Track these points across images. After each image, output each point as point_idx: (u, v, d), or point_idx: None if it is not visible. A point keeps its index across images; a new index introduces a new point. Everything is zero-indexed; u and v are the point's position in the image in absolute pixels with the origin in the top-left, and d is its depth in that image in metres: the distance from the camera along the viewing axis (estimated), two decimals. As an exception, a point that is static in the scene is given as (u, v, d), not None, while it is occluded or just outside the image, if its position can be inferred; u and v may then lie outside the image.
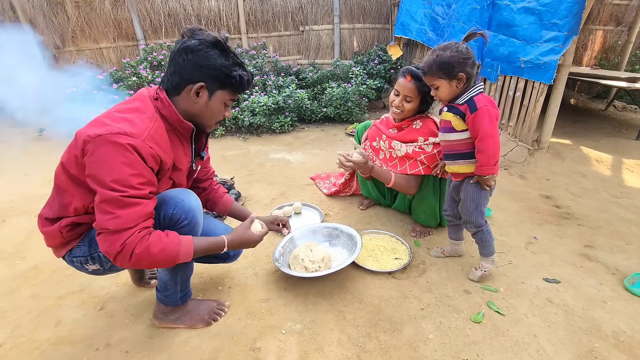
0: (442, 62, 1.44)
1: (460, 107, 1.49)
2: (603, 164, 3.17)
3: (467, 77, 1.45)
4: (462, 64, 1.43)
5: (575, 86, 5.83)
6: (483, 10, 3.38)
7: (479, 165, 1.49)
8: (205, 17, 4.94)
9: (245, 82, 1.20)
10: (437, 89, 1.51)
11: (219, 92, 1.18)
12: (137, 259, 1.03)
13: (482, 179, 1.53)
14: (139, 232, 1.04)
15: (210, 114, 1.21)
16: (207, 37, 1.12)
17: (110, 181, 1.00)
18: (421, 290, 1.62)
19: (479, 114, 1.43)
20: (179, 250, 1.10)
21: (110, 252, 1.02)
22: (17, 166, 3.23)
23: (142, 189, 1.05)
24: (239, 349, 1.32)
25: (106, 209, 1.01)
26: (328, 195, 2.55)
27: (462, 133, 1.52)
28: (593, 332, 1.39)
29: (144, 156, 1.04)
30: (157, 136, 1.11)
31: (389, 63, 5.19)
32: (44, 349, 1.33)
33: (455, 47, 1.44)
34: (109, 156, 1.00)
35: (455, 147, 1.57)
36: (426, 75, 1.51)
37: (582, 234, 2.08)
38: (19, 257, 1.88)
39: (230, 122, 4.06)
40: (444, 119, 1.58)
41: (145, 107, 1.13)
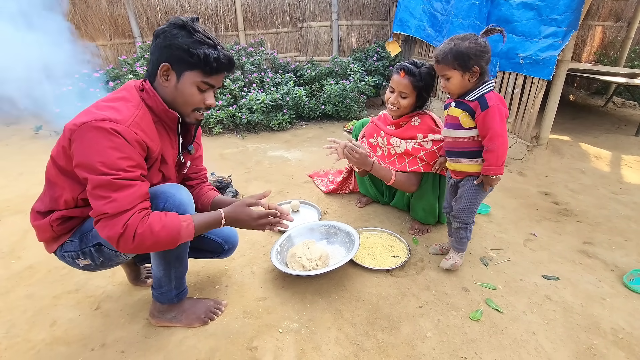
0: (458, 51, 1.39)
1: (470, 104, 1.45)
2: (602, 160, 3.16)
3: (480, 71, 1.41)
4: (478, 57, 1.39)
5: (574, 82, 5.82)
6: (482, 5, 3.36)
7: (487, 165, 1.46)
8: (202, 13, 4.90)
9: (213, 60, 1.09)
10: (449, 79, 1.46)
11: (187, 74, 1.11)
12: (140, 240, 1.01)
13: (487, 179, 1.50)
14: (138, 212, 1.02)
15: (182, 98, 1.14)
16: (175, 20, 1.10)
17: (100, 166, 0.98)
18: (419, 288, 1.61)
19: (490, 112, 1.39)
20: (180, 226, 1.08)
21: (112, 235, 1.00)
22: (13, 165, 3.21)
23: (133, 172, 1.03)
24: (236, 348, 1.31)
25: (100, 194, 0.99)
26: (326, 193, 2.53)
27: (469, 130, 1.49)
28: (592, 329, 1.39)
29: (129, 141, 1.02)
30: (143, 124, 1.09)
31: (388, 60, 5.16)
32: (39, 349, 1.32)
33: (475, 38, 1.39)
34: (95, 142, 0.99)
35: (461, 144, 1.53)
36: (440, 63, 1.45)
37: (581, 231, 2.08)
38: (14, 257, 1.87)
39: (228, 120, 4.05)
40: (451, 114, 1.53)
41: (131, 96, 1.12)
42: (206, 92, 1.17)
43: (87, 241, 1.18)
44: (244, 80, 4.44)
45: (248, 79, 4.51)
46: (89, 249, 1.19)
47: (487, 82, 1.44)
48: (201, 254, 1.52)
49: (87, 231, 1.18)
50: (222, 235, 1.50)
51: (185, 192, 1.21)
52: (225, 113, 4.01)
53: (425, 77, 1.79)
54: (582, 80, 5.64)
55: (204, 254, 1.53)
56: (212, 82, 1.15)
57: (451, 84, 1.46)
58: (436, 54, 1.47)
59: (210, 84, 1.15)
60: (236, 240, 1.56)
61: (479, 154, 1.50)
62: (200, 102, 1.17)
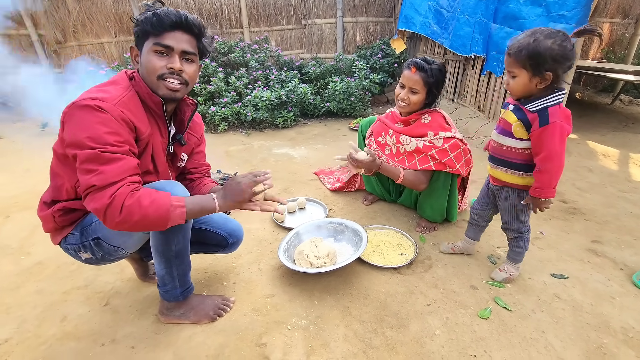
0: (536, 50, 1.19)
1: (529, 115, 1.28)
2: (610, 158, 3.14)
3: (553, 79, 1.23)
4: (558, 63, 1.19)
5: (581, 80, 5.77)
6: (489, 2, 3.33)
7: (537, 187, 1.32)
8: (207, 10, 4.90)
9: (152, 16, 1.07)
10: (514, 78, 1.28)
11: (145, 45, 1.12)
12: (128, 212, 0.98)
13: (536, 202, 1.36)
14: (127, 185, 1.01)
15: (146, 70, 1.12)
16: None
17: (87, 140, 0.98)
18: (427, 285, 1.61)
19: (549, 130, 1.23)
20: (170, 204, 1.05)
21: (99, 207, 0.97)
22: (19, 162, 3.23)
23: (120, 146, 1.02)
24: (245, 345, 1.31)
25: (88, 168, 0.98)
26: (332, 191, 2.53)
27: (520, 142, 1.34)
28: (602, 328, 1.38)
29: (115, 117, 1.02)
30: (131, 104, 1.09)
31: (393, 57, 5.14)
32: (50, 344, 1.33)
33: (561, 39, 1.19)
34: (82, 119, 1.00)
35: (507, 153, 1.40)
36: (511, 56, 1.26)
37: (589, 229, 2.06)
38: (24, 253, 1.88)
39: (232, 117, 4.05)
40: (505, 118, 1.38)
41: (121, 80, 1.15)
42: (168, 57, 1.12)
43: (87, 235, 1.20)
44: (248, 78, 4.44)
45: (253, 76, 4.51)
46: (89, 243, 1.20)
47: (558, 90, 1.26)
48: (206, 248, 1.52)
49: (87, 225, 1.20)
50: (226, 229, 1.49)
51: (181, 188, 1.19)
52: (230, 110, 4.01)
53: (436, 73, 1.77)
54: (589, 77, 5.59)
55: (208, 248, 1.53)
56: (165, 43, 1.09)
57: (515, 83, 1.29)
58: (510, 44, 1.27)
59: (164, 44, 1.09)
60: (241, 234, 1.55)
61: (525, 168, 1.37)
62: (162, 67, 1.11)
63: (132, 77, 1.17)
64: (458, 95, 4.26)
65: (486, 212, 1.65)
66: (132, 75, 1.17)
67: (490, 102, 3.57)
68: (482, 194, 1.66)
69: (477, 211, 1.67)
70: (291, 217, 2.23)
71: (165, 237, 1.20)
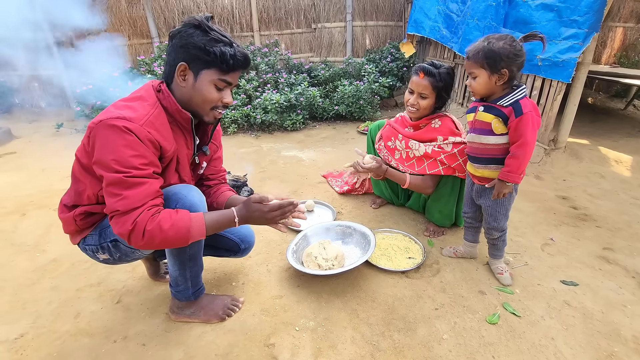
0: (490, 50, 1.34)
1: (503, 110, 1.39)
2: (622, 164, 3.09)
3: (509, 76, 1.36)
4: (510, 60, 1.34)
5: (593, 85, 5.69)
6: (499, 7, 3.32)
7: (507, 171, 1.42)
8: (218, 14, 4.97)
9: (229, 58, 1.11)
10: (475, 78, 1.42)
11: (204, 72, 1.13)
12: (150, 236, 1.03)
13: (501, 185, 1.46)
14: (148, 209, 1.05)
15: (200, 97, 1.15)
16: (190, 20, 1.12)
17: (113, 163, 1.01)
18: (435, 290, 1.61)
19: (523, 119, 1.35)
20: (190, 225, 1.09)
21: (123, 232, 1.03)
22: (35, 161, 3.31)
23: (145, 169, 1.06)
24: (254, 345, 1.33)
25: (113, 192, 1.03)
26: (340, 194, 2.54)
27: (500, 137, 1.43)
28: (612, 336, 1.37)
29: (142, 139, 1.05)
30: (157, 123, 1.12)
31: (402, 61, 5.14)
32: (64, 339, 1.36)
33: (511, 40, 1.35)
34: (109, 139, 1.03)
35: (490, 151, 1.48)
36: (469, 59, 1.41)
37: (601, 236, 2.04)
38: (39, 250, 1.93)
39: (242, 120, 4.09)
40: (480, 119, 1.47)
41: (148, 95, 1.15)
42: (223, 90, 1.18)
43: (105, 237, 1.23)
44: (258, 81, 4.49)
45: (262, 79, 4.55)
46: (107, 244, 1.23)
47: (519, 87, 1.40)
48: (218, 252, 1.55)
49: (105, 227, 1.23)
50: (239, 235, 1.52)
51: (197, 193, 1.22)
52: (239, 113, 4.05)
53: (445, 77, 1.78)
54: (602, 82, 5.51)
55: (220, 252, 1.55)
56: (229, 80, 1.16)
57: (477, 83, 1.42)
58: (468, 49, 1.43)
59: (228, 81, 1.16)
60: (253, 240, 1.58)
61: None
62: (218, 100, 1.18)
63: (159, 89, 1.17)
64: (467, 99, 4.24)
65: (477, 213, 1.70)
66: (159, 87, 1.18)
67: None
68: (467, 197, 1.71)
69: (469, 214, 1.72)
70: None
71: None
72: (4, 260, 1.85)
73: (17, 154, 3.57)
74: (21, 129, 4.28)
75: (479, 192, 1.61)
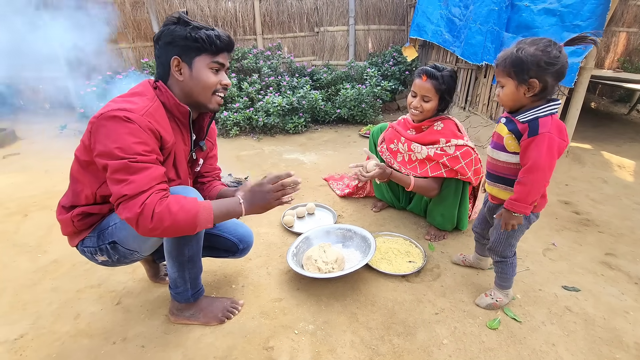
0: (518, 58, 1.17)
1: (519, 125, 1.23)
2: (625, 169, 3.08)
3: (541, 87, 1.17)
4: (541, 69, 1.14)
5: (596, 89, 5.68)
6: (501, 11, 3.32)
7: (514, 199, 1.26)
8: (221, 18, 5.01)
9: (215, 38, 1.15)
10: (502, 88, 1.26)
11: (197, 60, 1.16)
12: (159, 219, 1.02)
13: (508, 215, 1.29)
14: (156, 192, 1.05)
15: (200, 84, 1.18)
16: (168, 19, 1.16)
17: (117, 151, 1.02)
18: (435, 294, 1.60)
19: (536, 141, 1.17)
20: (198, 210, 1.08)
21: (131, 216, 1.01)
22: (39, 163, 3.33)
23: (148, 155, 1.06)
24: (252, 348, 1.32)
25: (118, 178, 1.02)
26: (341, 197, 2.54)
27: (512, 155, 1.28)
28: (614, 343, 1.35)
29: (143, 128, 1.06)
30: (157, 115, 1.13)
31: (404, 65, 5.15)
32: (64, 340, 1.36)
33: (545, 45, 1.15)
34: (111, 130, 1.03)
35: (501, 169, 1.34)
36: (497, 67, 1.25)
37: (603, 242, 2.02)
38: (41, 251, 1.94)
39: (244, 122, 4.11)
40: (497, 131, 1.33)
41: (146, 91, 1.17)
42: (219, 73, 1.22)
43: (103, 238, 1.23)
44: (260, 84, 4.51)
45: (265, 82, 4.57)
46: (105, 246, 1.23)
47: (552, 101, 1.21)
48: (216, 252, 1.55)
49: (104, 228, 1.23)
50: (237, 235, 1.52)
51: (194, 193, 1.22)
52: (242, 115, 4.07)
53: (448, 80, 1.78)
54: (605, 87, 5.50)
55: (219, 253, 1.56)
56: (220, 61, 1.20)
57: (503, 93, 1.25)
58: (498, 56, 1.26)
59: (220, 62, 1.20)
60: (251, 240, 1.58)
61: None
62: (217, 82, 1.21)
63: (155, 86, 1.20)
64: (470, 103, 4.24)
65: (486, 231, 1.58)
66: (155, 85, 1.20)
67: (502, 111, 3.54)
68: (482, 214, 1.60)
69: (478, 230, 1.63)
70: (300, 222, 2.24)
71: (178, 242, 1.23)
72: (6, 261, 1.86)
73: (20, 155, 3.60)
74: (25, 130, 4.31)
75: (490, 210, 1.50)
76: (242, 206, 1.17)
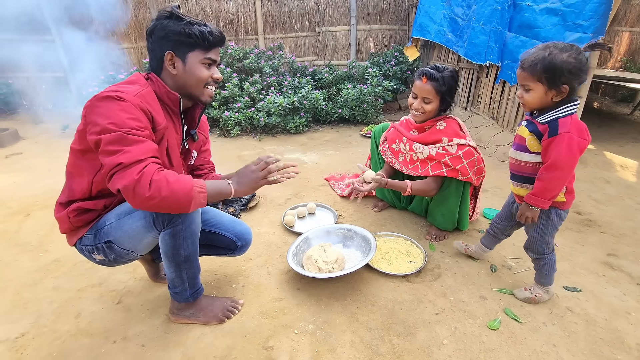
0: (551, 64, 1.19)
1: (539, 127, 1.27)
2: (628, 170, 3.06)
3: (569, 91, 1.22)
4: (574, 76, 1.18)
5: (599, 89, 5.65)
6: (504, 11, 3.31)
7: (533, 193, 1.32)
8: (223, 18, 5.01)
9: (208, 34, 1.18)
10: (528, 91, 1.28)
11: (190, 55, 1.19)
12: (157, 187, 1.01)
13: (525, 208, 1.36)
14: (153, 163, 1.05)
15: (194, 78, 1.21)
16: (161, 13, 1.18)
17: (110, 125, 1.02)
18: (436, 294, 1.59)
19: (557, 140, 1.22)
20: (193, 184, 1.09)
21: (128, 184, 0.99)
22: (41, 162, 3.35)
23: (142, 130, 1.07)
24: (252, 347, 1.32)
25: (113, 149, 1.01)
26: (342, 197, 2.54)
27: (535, 155, 1.32)
28: (616, 344, 1.34)
29: (135, 106, 1.07)
30: (148, 98, 1.15)
31: (406, 64, 5.15)
32: (64, 339, 1.37)
33: (576, 52, 1.18)
34: (104, 108, 1.04)
35: (525, 169, 1.37)
36: (525, 71, 1.26)
37: (605, 242, 2.01)
38: (42, 250, 1.94)
39: (246, 122, 4.11)
40: (519, 134, 1.37)
41: (137, 80, 1.19)
42: (211, 68, 1.25)
43: (99, 237, 1.23)
44: (262, 84, 4.51)
45: (266, 82, 4.57)
46: (101, 245, 1.24)
47: (571, 102, 1.24)
48: (215, 250, 1.55)
49: (100, 227, 1.23)
50: (235, 232, 1.52)
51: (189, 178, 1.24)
52: (243, 115, 4.07)
53: (448, 80, 1.78)
54: (608, 87, 5.47)
55: (217, 251, 1.55)
56: (212, 57, 1.23)
57: (530, 97, 1.27)
58: (523, 58, 1.27)
59: (212, 58, 1.23)
60: (249, 237, 1.57)
61: None
62: (209, 77, 1.24)
63: (147, 77, 1.22)
64: (471, 103, 4.23)
65: (508, 228, 1.62)
66: (147, 76, 1.23)
67: (504, 110, 3.53)
68: (505, 210, 1.61)
69: (499, 226, 1.64)
70: (301, 222, 2.24)
71: (174, 242, 1.23)
72: (8, 260, 1.87)
73: (23, 154, 3.61)
74: (28, 130, 4.33)
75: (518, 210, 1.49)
76: (230, 186, 1.20)
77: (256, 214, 2.34)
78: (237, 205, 2.32)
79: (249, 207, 2.38)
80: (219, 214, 1.53)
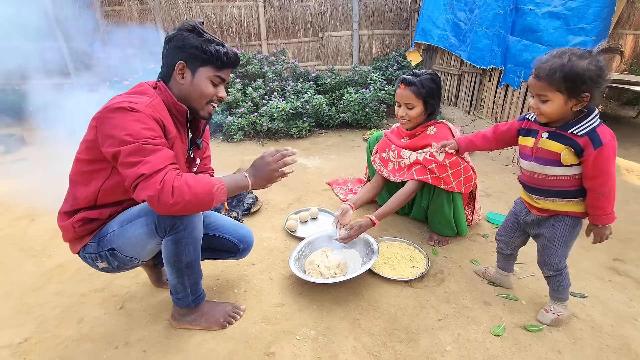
0: (572, 72, 1.11)
1: (577, 139, 1.18)
2: (634, 174, 3.03)
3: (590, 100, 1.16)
4: (595, 83, 1.12)
5: (603, 92, 5.62)
6: (507, 15, 3.32)
7: (599, 214, 1.24)
8: (226, 24, 5.06)
9: (223, 55, 1.21)
10: (545, 102, 1.19)
11: (201, 69, 1.22)
12: (179, 193, 1.04)
13: (600, 231, 1.28)
14: (172, 170, 1.08)
15: (198, 92, 1.23)
16: (184, 24, 1.21)
17: (128, 137, 1.05)
18: (439, 300, 1.58)
19: (604, 151, 1.15)
20: (212, 183, 1.12)
21: (152, 194, 1.02)
22: (46, 167, 3.38)
23: (157, 139, 1.10)
24: (254, 353, 1.32)
25: (132, 161, 1.04)
26: (345, 201, 2.53)
27: (570, 168, 1.23)
28: (622, 351, 1.32)
29: (148, 116, 1.10)
30: (159, 108, 1.17)
31: (409, 69, 5.15)
32: (67, 344, 1.37)
33: (594, 58, 1.12)
34: (118, 120, 1.06)
35: (557, 182, 1.28)
36: (540, 80, 1.17)
37: (611, 247, 1.99)
38: (46, 255, 1.96)
39: (249, 127, 4.13)
40: (545, 147, 1.26)
41: (146, 90, 1.22)
42: (218, 86, 1.28)
43: (103, 245, 1.24)
44: (265, 89, 4.53)
45: (269, 87, 4.60)
46: (104, 253, 1.25)
47: (592, 112, 1.19)
48: (217, 254, 1.55)
49: (103, 235, 1.24)
50: (237, 235, 1.53)
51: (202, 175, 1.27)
52: (246, 120, 4.09)
53: (427, 83, 1.77)
54: (612, 90, 5.44)
55: (219, 254, 1.56)
56: (222, 76, 1.26)
57: (548, 107, 1.19)
58: (537, 66, 1.19)
59: (222, 77, 1.26)
60: (251, 241, 1.58)
61: (580, 193, 1.27)
62: (213, 94, 1.26)
63: (155, 86, 1.24)
64: (474, 107, 4.22)
65: (512, 239, 1.54)
66: (155, 85, 1.24)
67: (507, 114, 3.52)
68: (509, 221, 1.54)
69: (503, 238, 1.56)
70: (303, 226, 2.24)
71: (176, 249, 1.24)
72: (12, 265, 1.88)
73: (28, 160, 3.65)
74: (33, 135, 4.37)
75: (537, 222, 1.41)
76: (248, 179, 1.21)
77: (258, 218, 2.34)
78: (240, 210, 2.32)
79: (251, 211, 2.38)
80: (221, 218, 1.53)
